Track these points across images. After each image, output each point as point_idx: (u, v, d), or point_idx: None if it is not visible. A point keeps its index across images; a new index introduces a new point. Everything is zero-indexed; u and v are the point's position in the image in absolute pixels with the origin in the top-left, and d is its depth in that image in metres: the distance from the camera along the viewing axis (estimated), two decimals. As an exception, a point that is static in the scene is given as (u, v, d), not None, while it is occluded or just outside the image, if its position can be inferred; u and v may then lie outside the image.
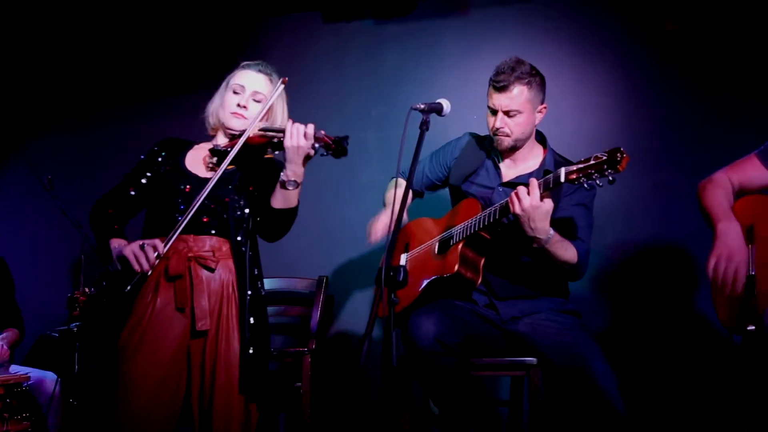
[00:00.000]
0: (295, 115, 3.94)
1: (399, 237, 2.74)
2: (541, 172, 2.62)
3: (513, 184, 2.62)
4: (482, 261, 2.52)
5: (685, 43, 3.39)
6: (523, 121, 2.59)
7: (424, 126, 2.25)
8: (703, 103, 3.39)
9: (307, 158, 2.31)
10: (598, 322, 3.38)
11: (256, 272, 2.36)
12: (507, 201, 2.38)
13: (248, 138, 2.34)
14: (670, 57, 3.42)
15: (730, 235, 2.18)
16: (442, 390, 2.39)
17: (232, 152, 2.31)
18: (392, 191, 2.73)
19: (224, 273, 2.29)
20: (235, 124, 2.41)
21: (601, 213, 3.46)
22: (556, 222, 2.44)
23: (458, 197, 2.74)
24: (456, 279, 2.47)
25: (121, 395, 2.14)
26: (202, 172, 2.39)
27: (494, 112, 2.59)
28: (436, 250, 2.63)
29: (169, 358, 2.19)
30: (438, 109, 2.34)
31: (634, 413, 2.45)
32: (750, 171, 2.36)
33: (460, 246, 2.50)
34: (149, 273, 2.19)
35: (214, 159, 2.37)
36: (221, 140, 2.45)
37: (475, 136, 2.82)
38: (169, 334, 2.20)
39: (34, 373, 3.20)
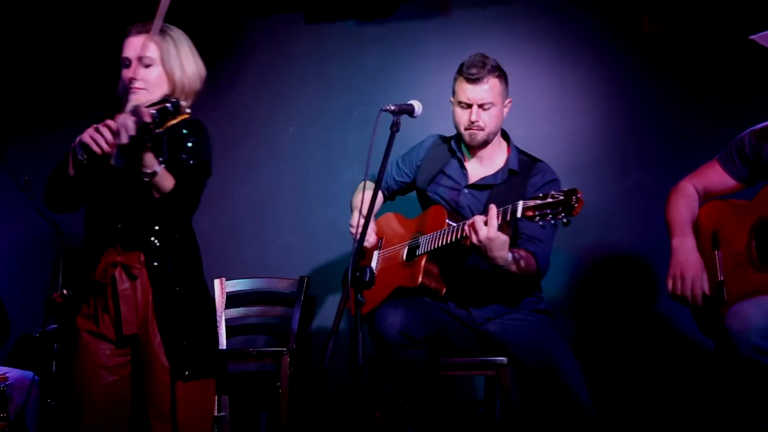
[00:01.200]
0: (278, 116, 4.01)
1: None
2: (506, 171, 2.64)
3: (478, 186, 2.64)
4: (446, 275, 2.55)
5: (663, 45, 3.41)
6: (496, 114, 2.62)
7: (395, 127, 2.26)
8: (682, 104, 3.41)
9: (142, 143, 1.95)
10: (576, 323, 3.41)
11: (180, 268, 2.20)
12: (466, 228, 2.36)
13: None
14: (649, 58, 3.44)
15: (682, 251, 2.24)
16: (408, 383, 2.38)
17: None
18: (360, 195, 2.75)
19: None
20: (138, 100, 2.14)
21: (579, 214, 3.51)
22: (518, 224, 2.46)
23: (425, 201, 2.75)
24: (421, 290, 2.50)
25: (76, 394, 2.15)
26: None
27: (468, 106, 2.60)
28: (404, 256, 2.64)
29: (108, 365, 2.16)
30: (409, 111, 2.35)
31: (603, 412, 2.48)
32: (713, 177, 2.40)
33: (423, 260, 2.52)
34: (111, 153, 2.01)
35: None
36: None
37: (440, 137, 2.84)
38: (105, 343, 2.16)
39: (12, 373, 3.20)
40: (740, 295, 2.07)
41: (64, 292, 3.00)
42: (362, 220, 2.08)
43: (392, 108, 2.29)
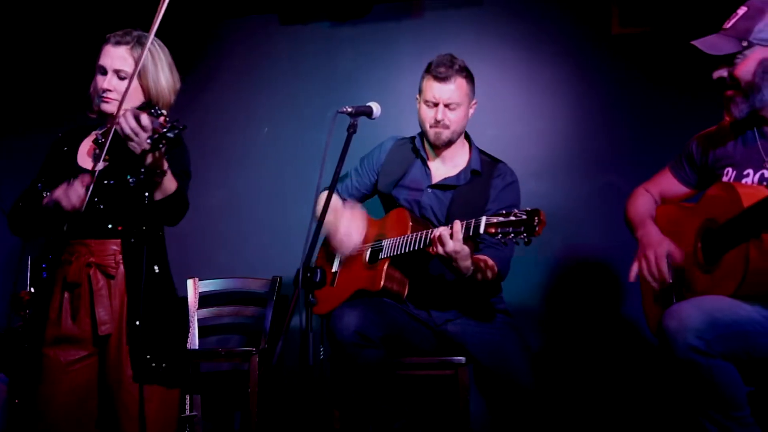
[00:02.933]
0: (252, 117, 4.03)
1: None
2: (468, 172, 2.66)
3: (441, 186, 2.66)
4: (408, 279, 2.57)
5: (632, 47, 3.44)
6: (462, 114, 2.64)
7: (351, 129, 2.29)
8: (652, 105, 3.44)
9: (156, 146, 1.97)
10: (545, 323, 3.43)
11: (157, 270, 2.23)
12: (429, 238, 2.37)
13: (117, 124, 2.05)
14: (618, 60, 3.47)
15: (647, 237, 2.22)
16: (363, 383, 2.40)
17: (106, 143, 2.09)
18: (321, 206, 2.78)
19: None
20: (107, 109, 2.20)
21: (550, 214, 3.52)
22: None
23: (389, 204, 2.76)
24: (382, 293, 2.52)
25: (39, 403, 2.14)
26: (91, 164, 2.22)
27: (434, 105, 2.62)
28: (367, 258, 2.66)
29: (77, 367, 2.16)
30: (367, 113, 2.38)
31: (558, 413, 2.50)
32: (665, 184, 2.43)
33: (386, 265, 2.53)
34: (82, 209, 2.06)
35: (97, 150, 2.17)
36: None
37: (401, 139, 2.85)
38: (76, 344, 2.16)
39: (-15, 374, 3.21)
40: (689, 296, 2.09)
41: (31, 290, 3.01)
42: (309, 231, 2.10)
43: (348, 110, 2.32)
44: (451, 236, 2.29)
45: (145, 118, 1.94)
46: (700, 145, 2.34)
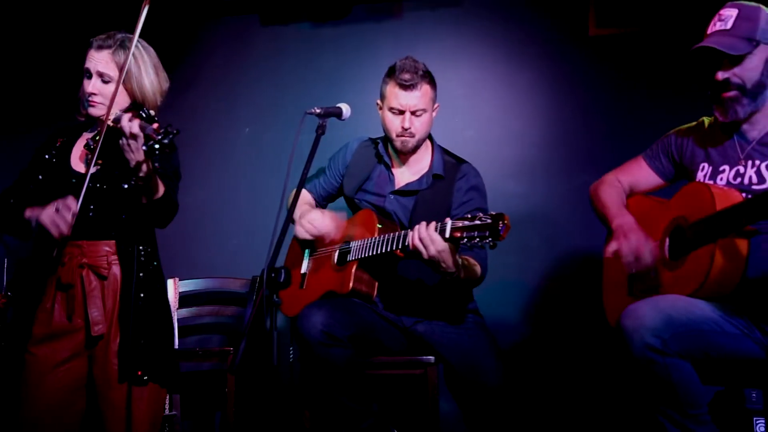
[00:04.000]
0: (233, 118, 4.04)
1: None
2: (429, 176, 2.65)
3: (403, 192, 2.66)
4: (377, 281, 2.57)
5: (608, 48, 3.47)
6: (427, 120, 2.63)
7: (320, 130, 2.31)
8: (628, 106, 3.46)
9: (151, 153, 2.00)
10: (523, 323, 3.45)
11: (150, 270, 2.27)
12: (404, 239, 2.35)
13: (108, 128, 2.12)
14: (594, 61, 3.49)
15: (628, 225, 2.20)
16: (331, 382, 2.39)
17: (97, 147, 2.12)
18: (295, 205, 2.80)
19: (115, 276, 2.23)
20: (94, 113, 2.23)
21: (528, 214, 3.55)
22: None
23: (354, 208, 2.77)
24: (352, 295, 2.53)
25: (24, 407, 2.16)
26: (83, 168, 2.24)
27: (400, 113, 2.60)
28: (336, 260, 2.65)
29: (66, 367, 2.18)
30: (337, 114, 2.39)
31: (526, 411, 2.52)
32: (637, 173, 2.42)
33: (354, 267, 2.53)
34: (69, 234, 2.09)
35: (89, 155, 2.20)
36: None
37: (366, 141, 2.84)
38: (67, 344, 2.19)
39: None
40: (649, 291, 2.11)
41: (8, 293, 3.02)
42: (274, 232, 2.12)
43: (317, 111, 2.33)
44: (432, 240, 2.26)
45: (136, 126, 1.99)
46: (679, 138, 2.35)
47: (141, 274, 2.23)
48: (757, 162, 2.07)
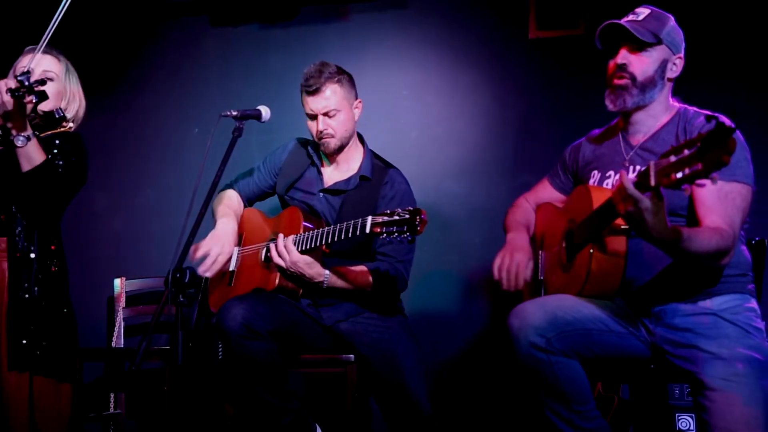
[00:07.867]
0: (183, 118, 4.06)
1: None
2: (357, 178, 2.70)
3: (331, 191, 2.70)
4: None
5: (547, 50, 3.52)
6: (344, 118, 2.66)
7: (237, 132, 2.34)
8: (567, 107, 3.50)
9: (18, 110, 2.15)
10: (461, 321, 3.49)
11: (35, 268, 2.31)
12: (330, 235, 2.45)
13: None
14: (534, 63, 3.54)
15: (514, 240, 2.31)
16: (249, 375, 2.40)
17: None
18: (220, 204, 2.82)
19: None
20: None
21: (470, 212, 3.60)
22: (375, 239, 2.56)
23: (285, 206, 2.80)
24: (278, 291, 2.56)
25: None
26: None
27: (314, 117, 2.65)
28: (262, 257, 2.69)
29: None
30: (256, 116, 2.43)
31: (442, 412, 2.54)
32: (542, 192, 2.51)
33: None
34: None
35: None
36: None
37: (302, 141, 2.88)
38: None
39: None
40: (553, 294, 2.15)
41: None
42: (182, 237, 2.15)
43: (234, 113, 2.36)
44: (288, 252, 2.44)
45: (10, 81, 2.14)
46: (572, 152, 2.44)
47: (40, 276, 2.27)
48: (638, 167, 2.12)
